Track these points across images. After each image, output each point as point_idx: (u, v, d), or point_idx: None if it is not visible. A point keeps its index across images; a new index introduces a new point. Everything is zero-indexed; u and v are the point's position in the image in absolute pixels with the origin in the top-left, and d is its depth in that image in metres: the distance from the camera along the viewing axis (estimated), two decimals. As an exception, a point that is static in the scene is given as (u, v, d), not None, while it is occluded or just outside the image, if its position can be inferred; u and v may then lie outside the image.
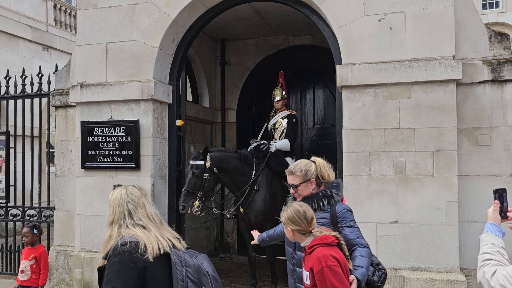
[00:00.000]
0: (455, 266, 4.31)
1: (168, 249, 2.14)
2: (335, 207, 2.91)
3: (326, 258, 2.53)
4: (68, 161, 5.91)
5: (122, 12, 5.42)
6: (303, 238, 2.69)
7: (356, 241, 2.84)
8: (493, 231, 2.17)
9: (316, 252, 2.57)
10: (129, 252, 2.07)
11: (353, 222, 2.90)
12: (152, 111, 5.30)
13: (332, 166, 3.21)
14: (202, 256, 2.25)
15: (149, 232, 2.16)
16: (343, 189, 3.06)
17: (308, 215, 2.67)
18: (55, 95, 5.98)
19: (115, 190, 2.36)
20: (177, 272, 2.11)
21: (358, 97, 4.61)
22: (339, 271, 2.53)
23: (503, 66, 4.46)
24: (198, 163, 5.18)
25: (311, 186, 3.02)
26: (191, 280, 2.12)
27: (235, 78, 8.11)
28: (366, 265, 2.74)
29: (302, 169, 3.07)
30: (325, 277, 2.51)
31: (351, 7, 4.66)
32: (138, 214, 2.23)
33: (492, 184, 4.44)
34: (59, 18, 13.40)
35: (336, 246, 2.63)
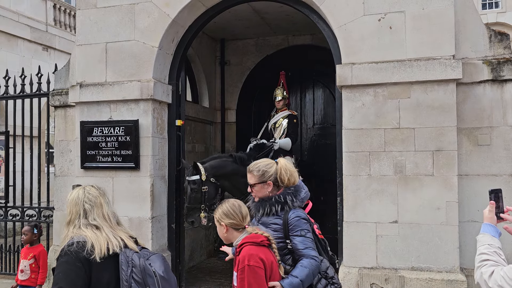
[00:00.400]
0: (455, 266, 4.30)
1: (117, 249, 2.15)
2: (288, 214, 2.79)
3: (250, 257, 2.50)
4: (67, 161, 5.90)
5: (121, 11, 5.41)
6: (235, 235, 2.66)
7: (303, 251, 2.71)
8: (490, 232, 2.17)
9: (244, 250, 2.55)
10: (75, 252, 2.09)
11: (304, 231, 2.75)
12: (152, 111, 5.29)
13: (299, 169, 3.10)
14: (155, 256, 2.24)
15: (101, 232, 2.19)
16: (303, 195, 2.91)
17: (243, 210, 2.67)
18: (55, 95, 5.97)
19: (73, 190, 2.36)
20: (122, 272, 2.13)
21: (358, 97, 4.61)
22: (261, 274, 2.48)
23: (503, 66, 4.45)
24: (194, 178, 5.18)
25: (267, 188, 2.90)
26: (135, 281, 2.12)
27: (234, 78, 8.11)
28: (302, 276, 2.62)
29: (260, 169, 2.94)
30: (244, 276, 2.48)
31: (351, 7, 4.65)
32: (93, 214, 2.24)
33: (492, 184, 4.43)
34: (59, 18, 13.39)
35: (266, 247, 2.59)
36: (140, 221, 5.27)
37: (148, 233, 5.23)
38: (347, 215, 4.60)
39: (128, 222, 5.30)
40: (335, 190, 4.90)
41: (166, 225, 5.50)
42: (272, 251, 2.62)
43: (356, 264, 4.53)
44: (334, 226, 6.60)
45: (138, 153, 5.27)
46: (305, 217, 2.81)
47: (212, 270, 6.94)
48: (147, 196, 5.24)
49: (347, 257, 4.59)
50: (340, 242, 4.75)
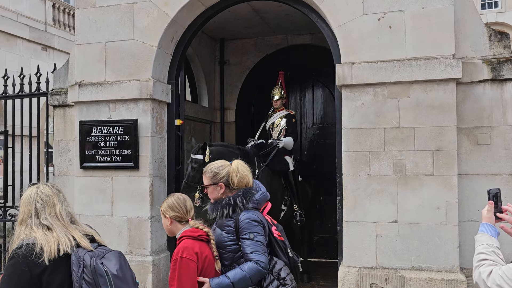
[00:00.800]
0: (455, 266, 4.30)
1: (69, 249, 2.12)
2: (239, 216, 2.80)
3: (184, 250, 2.61)
4: (66, 161, 5.89)
5: (120, 11, 5.40)
6: (179, 227, 2.78)
7: (249, 256, 2.72)
8: (488, 231, 2.16)
9: (181, 243, 2.67)
10: (23, 255, 2.06)
11: (254, 234, 2.76)
12: (151, 110, 5.28)
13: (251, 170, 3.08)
14: (111, 254, 2.21)
15: (51, 233, 2.15)
16: (258, 196, 2.92)
17: (188, 204, 2.81)
18: (54, 95, 5.95)
19: (27, 188, 2.32)
20: (73, 273, 2.11)
21: (357, 96, 4.60)
22: (192, 266, 2.58)
23: (503, 65, 4.44)
24: (197, 157, 5.12)
25: (220, 190, 2.93)
26: (85, 281, 2.10)
27: (234, 77, 8.10)
28: (235, 279, 2.67)
29: (212, 170, 2.96)
30: (177, 267, 2.58)
31: (351, 6, 4.64)
32: (45, 213, 2.20)
33: (492, 183, 4.42)
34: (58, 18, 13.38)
35: (203, 242, 2.70)
36: (139, 221, 5.26)
37: (148, 233, 5.22)
38: (346, 214, 4.59)
39: (127, 222, 5.30)
40: (335, 189, 4.90)
41: (165, 225, 5.48)
42: (210, 246, 2.72)
43: (355, 264, 4.52)
44: (333, 225, 6.60)
45: (137, 153, 5.25)
46: (256, 219, 2.79)
47: (211, 270, 6.92)
48: (146, 196, 5.23)
49: (346, 256, 4.58)
50: (339, 241, 4.74)
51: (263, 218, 2.89)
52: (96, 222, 5.29)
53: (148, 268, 5.16)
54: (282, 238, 2.90)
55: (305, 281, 6.21)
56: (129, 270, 2.21)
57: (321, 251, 7.45)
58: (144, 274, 5.16)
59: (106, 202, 5.35)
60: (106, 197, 5.35)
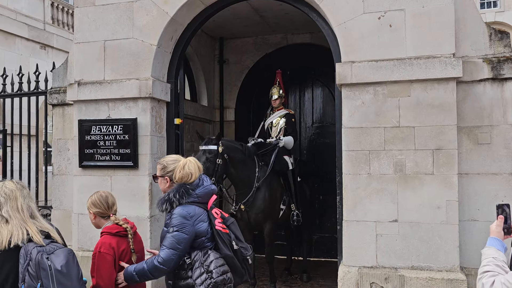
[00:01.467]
0: (455, 265, 4.29)
1: (20, 242, 2.30)
2: (173, 210, 2.87)
3: (102, 245, 2.91)
4: (65, 160, 5.87)
5: (120, 9, 5.38)
6: (103, 222, 3.07)
7: (160, 250, 2.85)
8: (495, 245, 2.14)
9: (101, 238, 2.98)
10: None
11: (173, 228, 2.80)
12: (150, 109, 5.27)
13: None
14: (60, 250, 2.36)
15: (7, 225, 2.34)
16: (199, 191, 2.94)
17: (109, 200, 3.08)
18: (53, 93, 5.93)
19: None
20: (20, 264, 2.29)
21: (357, 95, 4.59)
22: (110, 260, 2.88)
23: (503, 64, 4.44)
24: (211, 148, 5.10)
25: (166, 184, 3.01)
26: (29, 273, 2.26)
27: (233, 76, 8.08)
28: (137, 269, 2.85)
29: (163, 163, 3.07)
30: (95, 261, 2.90)
31: (351, 5, 4.63)
32: (7, 206, 2.39)
33: (492, 183, 4.43)
34: (57, 17, 13.35)
35: (121, 237, 2.97)
36: (139, 220, 5.24)
37: (147, 232, 5.20)
38: (346, 214, 4.58)
39: (126, 221, 5.28)
40: (335, 189, 4.88)
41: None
42: (127, 240, 3.00)
43: (355, 263, 4.51)
44: (333, 225, 6.60)
45: (137, 152, 5.24)
46: (185, 215, 2.82)
47: (210, 269, 6.91)
48: (145, 195, 5.22)
49: (346, 256, 4.57)
50: (339, 241, 4.73)
51: (200, 211, 2.89)
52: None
53: (147, 267, 5.14)
54: (226, 231, 2.89)
55: (304, 281, 6.20)
56: (76, 268, 2.36)
57: (321, 250, 7.44)
58: (144, 273, 5.14)
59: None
60: (105, 196, 5.33)
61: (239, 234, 2.99)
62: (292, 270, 6.51)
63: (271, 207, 5.56)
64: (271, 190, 5.59)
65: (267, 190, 5.52)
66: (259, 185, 5.47)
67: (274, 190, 5.65)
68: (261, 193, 5.48)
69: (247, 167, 5.46)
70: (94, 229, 5.56)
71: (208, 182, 3.01)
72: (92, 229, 5.33)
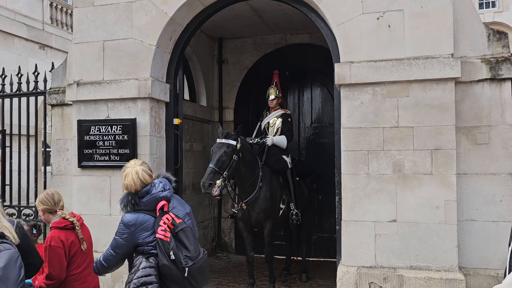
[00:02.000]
0: (454, 265, 4.30)
1: None
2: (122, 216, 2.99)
3: (52, 239, 3.22)
4: (64, 160, 5.87)
5: (119, 9, 5.39)
6: (51, 217, 3.37)
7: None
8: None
9: (50, 232, 3.27)
10: None
11: (116, 233, 2.92)
12: (150, 109, 5.27)
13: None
14: (6, 252, 2.37)
15: None
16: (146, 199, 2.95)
17: (55, 197, 3.39)
18: (51, 94, 5.93)
19: None
20: None
21: (356, 96, 4.60)
22: (60, 252, 3.20)
23: (502, 65, 4.45)
24: (230, 142, 5.07)
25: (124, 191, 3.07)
26: None
27: (232, 76, 8.09)
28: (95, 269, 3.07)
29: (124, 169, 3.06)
30: (47, 253, 3.19)
31: (350, 5, 4.64)
32: None
33: (490, 183, 4.44)
34: (55, 17, 13.34)
35: (69, 230, 3.30)
36: (138, 220, 5.25)
37: (146, 232, 5.21)
38: (345, 214, 4.59)
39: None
40: (333, 189, 4.89)
41: (163, 224, 5.48)
42: (75, 232, 3.32)
43: (354, 263, 4.52)
44: (332, 225, 6.61)
45: (136, 152, 5.24)
46: (126, 222, 2.87)
47: (210, 269, 6.87)
48: (144, 195, 5.21)
49: (345, 256, 4.58)
50: (338, 241, 4.74)
51: (146, 219, 2.90)
52: (95, 222, 5.28)
53: (146, 267, 5.14)
54: (167, 239, 2.82)
55: (303, 281, 6.21)
56: (17, 271, 2.36)
57: (320, 250, 7.45)
58: (143, 273, 5.15)
59: (105, 202, 5.33)
60: (104, 197, 5.34)
61: (188, 241, 2.87)
62: (291, 270, 6.52)
63: (272, 206, 5.58)
64: (272, 189, 5.61)
65: (268, 189, 5.54)
66: (262, 184, 5.48)
67: (275, 190, 5.67)
68: (262, 192, 5.49)
69: (253, 166, 5.48)
70: (94, 229, 5.56)
71: (159, 189, 2.96)
72: (91, 229, 5.33)
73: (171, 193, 3.03)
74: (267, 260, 5.68)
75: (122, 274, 5.25)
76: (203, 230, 7.67)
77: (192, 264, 2.82)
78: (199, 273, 2.88)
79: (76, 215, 3.49)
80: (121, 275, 5.25)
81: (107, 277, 5.27)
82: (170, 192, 3.02)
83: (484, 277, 4.41)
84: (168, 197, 2.98)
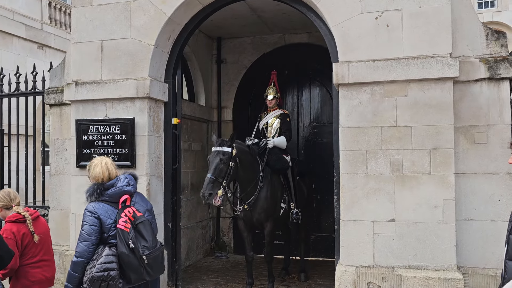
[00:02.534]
0: (452, 265, 4.30)
1: None
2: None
3: (5, 231, 3.49)
4: (63, 160, 5.87)
5: (117, 9, 5.38)
6: (7, 213, 3.64)
7: (76, 247, 3.18)
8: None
9: (4, 226, 3.56)
10: None
11: (83, 223, 3.18)
12: (148, 109, 5.27)
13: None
14: None
15: None
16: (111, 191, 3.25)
17: (11, 195, 3.71)
18: (50, 93, 5.93)
19: None
20: None
21: (355, 95, 4.60)
22: (11, 243, 3.40)
23: (500, 64, 4.45)
24: (226, 150, 5.07)
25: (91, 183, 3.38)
26: None
27: (231, 76, 8.08)
28: (67, 278, 3.19)
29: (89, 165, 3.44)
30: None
31: (348, 5, 4.64)
32: None
33: (489, 182, 4.45)
34: (54, 16, 13.33)
35: (21, 223, 3.54)
36: (136, 220, 5.24)
37: (144, 232, 5.20)
38: (344, 213, 4.59)
39: (124, 221, 5.28)
40: (332, 188, 4.89)
41: (162, 224, 5.47)
42: (26, 225, 3.54)
43: (353, 263, 4.52)
44: (330, 224, 6.61)
45: (134, 152, 5.24)
46: (91, 210, 3.19)
47: (208, 269, 6.93)
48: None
49: (344, 255, 4.58)
50: (337, 240, 4.74)
51: (109, 209, 3.19)
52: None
53: (145, 267, 5.14)
54: (127, 230, 3.11)
55: (302, 280, 6.21)
56: None
57: (318, 250, 7.45)
58: (141, 273, 5.14)
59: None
60: (102, 196, 5.32)
61: (146, 233, 3.17)
62: (290, 270, 6.52)
63: (273, 206, 5.58)
64: (273, 189, 5.61)
65: (269, 189, 5.54)
66: (263, 184, 5.48)
67: (276, 189, 5.67)
68: (263, 192, 5.49)
69: (253, 168, 5.49)
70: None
71: (124, 183, 3.25)
72: (89, 229, 5.33)
73: (135, 189, 3.32)
74: (267, 260, 5.68)
75: (120, 274, 5.25)
76: (202, 230, 7.67)
77: (149, 253, 3.10)
78: (154, 262, 3.15)
79: (30, 210, 3.74)
80: (120, 275, 5.25)
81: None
82: (134, 187, 3.31)
83: (483, 277, 4.41)
84: (131, 192, 3.27)
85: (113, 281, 3.04)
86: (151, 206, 3.48)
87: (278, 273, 6.33)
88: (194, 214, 7.41)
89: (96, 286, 3.01)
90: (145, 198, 3.51)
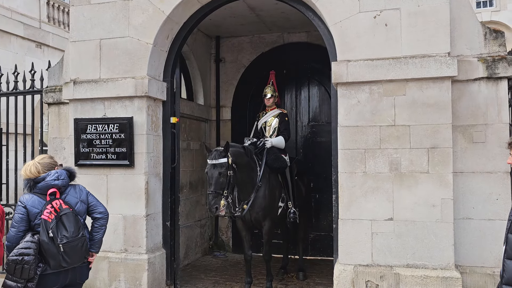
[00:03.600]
0: (450, 263, 4.31)
1: None
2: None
3: None
4: (61, 159, 5.85)
5: (115, 8, 5.38)
6: None
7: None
8: None
9: None
10: None
11: (15, 212, 3.48)
12: (146, 108, 5.27)
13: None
14: None
15: None
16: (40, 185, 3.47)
17: None
18: (48, 92, 5.92)
19: None
20: None
21: (353, 94, 4.60)
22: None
23: (498, 63, 4.46)
24: (222, 161, 5.08)
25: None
26: None
27: (229, 75, 8.08)
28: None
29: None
30: None
31: (347, 4, 4.64)
32: None
33: (487, 181, 4.46)
34: (52, 15, 13.30)
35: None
36: (135, 219, 5.25)
37: (143, 230, 5.21)
38: (342, 212, 4.60)
39: (122, 220, 5.28)
40: (330, 187, 4.90)
41: (161, 223, 5.48)
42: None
43: (351, 262, 4.53)
44: (329, 223, 6.62)
45: (133, 151, 5.24)
46: (21, 200, 3.46)
47: (207, 268, 6.93)
48: (141, 194, 5.22)
49: (342, 254, 4.58)
50: (335, 239, 4.75)
51: (37, 200, 3.44)
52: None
53: (143, 266, 5.14)
54: (49, 220, 3.37)
55: (300, 279, 6.21)
56: None
57: (317, 249, 7.46)
58: (139, 272, 5.15)
59: (101, 200, 5.28)
60: (101, 195, 5.29)
61: (68, 224, 3.43)
62: (288, 269, 6.52)
63: (271, 204, 5.58)
64: (271, 188, 5.61)
65: (267, 188, 5.54)
66: (261, 184, 5.49)
67: (274, 188, 5.67)
68: (261, 191, 5.50)
69: (251, 168, 5.49)
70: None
71: (52, 178, 3.49)
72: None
73: (63, 183, 3.54)
74: (265, 259, 5.69)
75: (119, 273, 5.25)
76: (200, 229, 7.68)
77: (66, 242, 3.36)
78: (71, 250, 3.40)
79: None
80: (118, 274, 5.25)
81: (104, 276, 5.27)
82: (63, 182, 3.53)
83: (481, 275, 4.43)
84: (58, 186, 3.50)
85: (27, 265, 3.27)
86: (85, 196, 3.69)
87: (277, 272, 6.34)
88: (193, 213, 7.42)
89: (12, 268, 3.27)
90: (80, 190, 3.70)
